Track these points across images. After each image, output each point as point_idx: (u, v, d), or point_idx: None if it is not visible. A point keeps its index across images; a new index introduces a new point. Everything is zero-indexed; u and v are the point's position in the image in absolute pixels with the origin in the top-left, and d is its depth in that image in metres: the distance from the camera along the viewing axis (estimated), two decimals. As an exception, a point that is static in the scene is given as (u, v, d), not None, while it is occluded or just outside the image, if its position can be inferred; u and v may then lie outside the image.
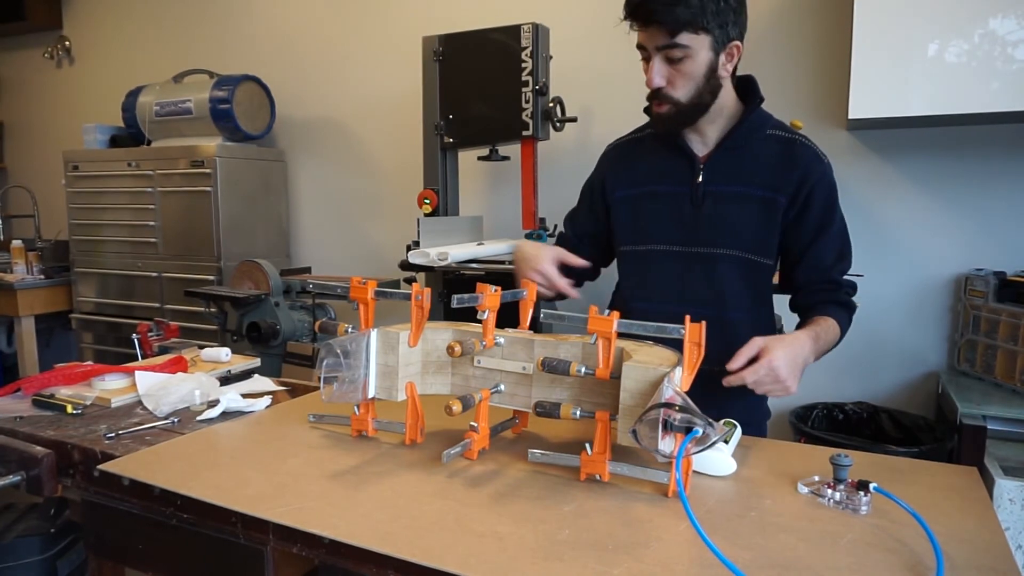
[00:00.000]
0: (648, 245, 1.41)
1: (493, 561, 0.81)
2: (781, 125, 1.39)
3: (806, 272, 1.37)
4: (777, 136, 1.37)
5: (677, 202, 1.37)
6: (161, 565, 1.12)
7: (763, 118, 1.38)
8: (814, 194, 1.33)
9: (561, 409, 1.06)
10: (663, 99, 1.29)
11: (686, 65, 1.25)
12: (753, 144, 1.35)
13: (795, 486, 1.04)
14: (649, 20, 1.22)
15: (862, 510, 0.97)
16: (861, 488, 0.98)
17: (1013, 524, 1.83)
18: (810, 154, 1.35)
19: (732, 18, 1.25)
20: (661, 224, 1.39)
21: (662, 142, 1.41)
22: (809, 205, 1.33)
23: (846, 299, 1.38)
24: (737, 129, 1.35)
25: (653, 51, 1.26)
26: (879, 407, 2.47)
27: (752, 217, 1.34)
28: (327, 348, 1.13)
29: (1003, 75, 2.00)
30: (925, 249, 2.50)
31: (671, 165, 1.39)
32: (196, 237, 3.31)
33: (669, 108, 1.30)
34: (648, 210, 1.41)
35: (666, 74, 1.27)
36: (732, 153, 1.35)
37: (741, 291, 1.36)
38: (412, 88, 2.95)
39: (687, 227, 1.37)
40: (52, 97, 4.48)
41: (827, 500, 1.00)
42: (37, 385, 1.45)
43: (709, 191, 1.35)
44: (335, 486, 1.03)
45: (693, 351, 1.01)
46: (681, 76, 1.27)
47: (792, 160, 1.33)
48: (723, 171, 1.35)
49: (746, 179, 1.34)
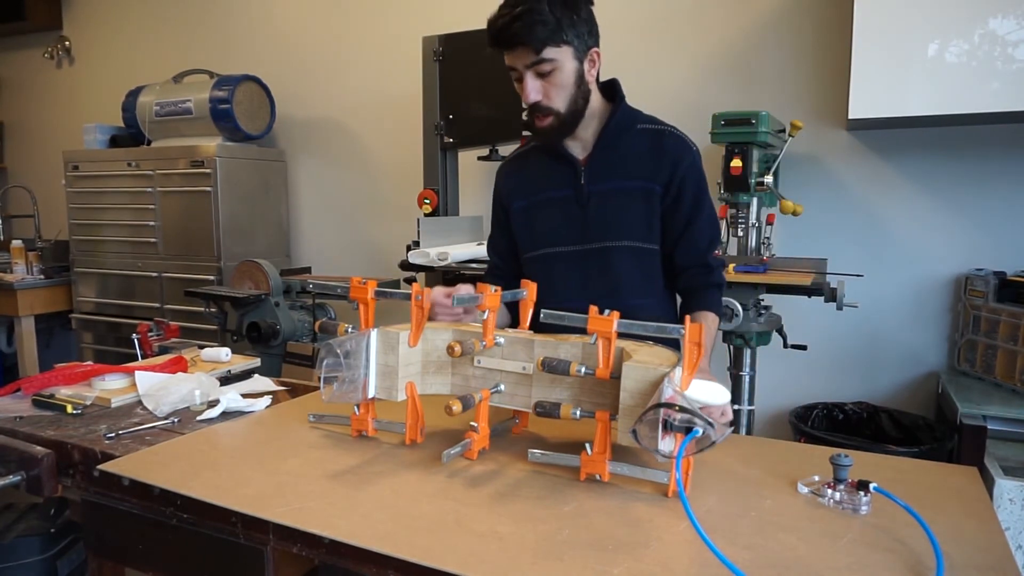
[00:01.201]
0: (545, 248, 1.49)
1: (493, 561, 0.81)
2: (651, 119, 1.47)
3: (683, 256, 1.46)
4: (647, 129, 1.45)
5: (566, 205, 1.46)
6: (161, 565, 1.12)
7: (632, 115, 1.46)
8: (686, 181, 1.41)
9: (561, 409, 1.06)
10: (544, 111, 1.36)
11: (556, 77, 1.33)
12: (625, 140, 1.44)
13: (795, 486, 1.04)
14: (513, 43, 1.30)
15: (862, 510, 0.97)
16: (861, 488, 0.99)
17: (1013, 524, 1.83)
18: (679, 144, 1.43)
19: (586, 28, 1.34)
20: (554, 227, 1.47)
21: (546, 152, 1.50)
22: (682, 191, 1.42)
23: (719, 279, 1.49)
24: (607, 128, 1.43)
25: (523, 69, 1.33)
26: (879, 407, 2.47)
27: (633, 208, 1.43)
28: (327, 348, 1.13)
29: (1003, 75, 2.01)
30: (925, 249, 2.50)
31: (556, 172, 1.47)
32: (196, 237, 3.31)
33: (552, 120, 1.37)
34: (541, 216, 1.49)
35: (540, 88, 1.34)
36: (607, 152, 1.44)
37: (636, 278, 1.45)
38: (412, 88, 2.95)
39: (577, 227, 1.45)
40: (52, 97, 4.48)
41: (827, 500, 1.00)
42: (37, 385, 1.45)
43: (592, 190, 1.44)
44: (335, 486, 1.03)
45: (693, 351, 1.01)
46: (554, 87, 1.34)
47: (662, 150, 1.42)
48: (601, 170, 1.43)
49: (623, 174, 1.43)
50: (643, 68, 2.78)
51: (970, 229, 2.43)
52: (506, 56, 1.34)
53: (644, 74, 2.76)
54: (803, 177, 2.59)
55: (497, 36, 1.32)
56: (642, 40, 2.78)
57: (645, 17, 2.77)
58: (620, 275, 1.44)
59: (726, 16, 2.69)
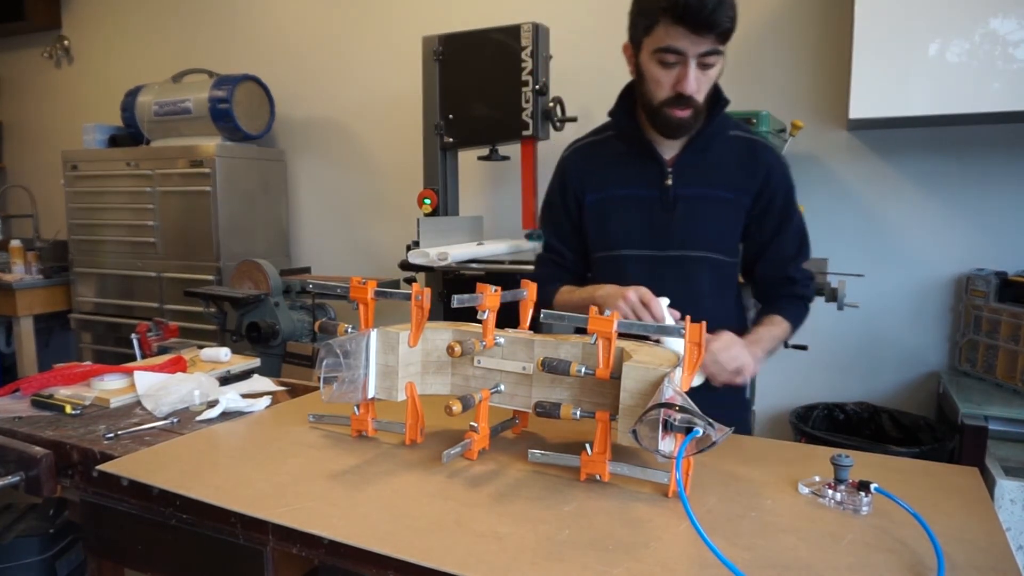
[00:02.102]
0: (620, 250, 1.41)
1: (493, 561, 0.81)
2: (741, 125, 1.42)
3: (766, 267, 1.42)
4: (739, 137, 1.39)
5: (648, 206, 1.38)
6: (160, 566, 1.12)
7: (725, 120, 1.39)
8: (776, 194, 1.37)
9: (561, 409, 1.05)
10: (691, 105, 1.26)
11: (714, 70, 1.25)
12: (717, 146, 1.37)
13: (795, 486, 1.04)
14: (708, 27, 1.17)
15: (863, 510, 0.97)
16: (862, 488, 0.98)
17: (1014, 525, 1.83)
18: (771, 154, 1.39)
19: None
20: (632, 229, 1.39)
21: (626, 144, 1.41)
22: (771, 204, 1.37)
23: (802, 292, 1.43)
24: (704, 131, 1.35)
25: (691, 56, 1.21)
26: (880, 407, 2.47)
27: (720, 219, 1.37)
28: (327, 348, 1.13)
29: (1004, 75, 2.00)
30: (926, 249, 2.49)
31: (638, 168, 1.39)
32: (195, 237, 3.31)
33: (691, 113, 1.28)
34: (617, 215, 1.41)
35: (698, 79, 1.24)
36: (697, 156, 1.37)
37: (713, 291, 1.39)
38: (412, 88, 2.95)
39: (658, 231, 1.38)
40: (51, 97, 4.48)
41: (828, 500, 1.00)
42: (36, 385, 1.45)
43: (679, 194, 1.36)
44: (335, 486, 1.02)
45: (693, 351, 1.00)
46: (707, 81, 1.26)
47: (755, 161, 1.37)
48: (690, 174, 1.36)
49: (713, 181, 1.36)
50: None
51: (971, 229, 2.43)
52: (678, 37, 1.19)
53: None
54: (804, 177, 2.57)
55: (693, 15, 1.16)
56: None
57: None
58: (697, 286, 1.37)
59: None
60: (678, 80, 1.24)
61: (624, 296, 1.19)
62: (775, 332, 1.37)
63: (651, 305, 1.18)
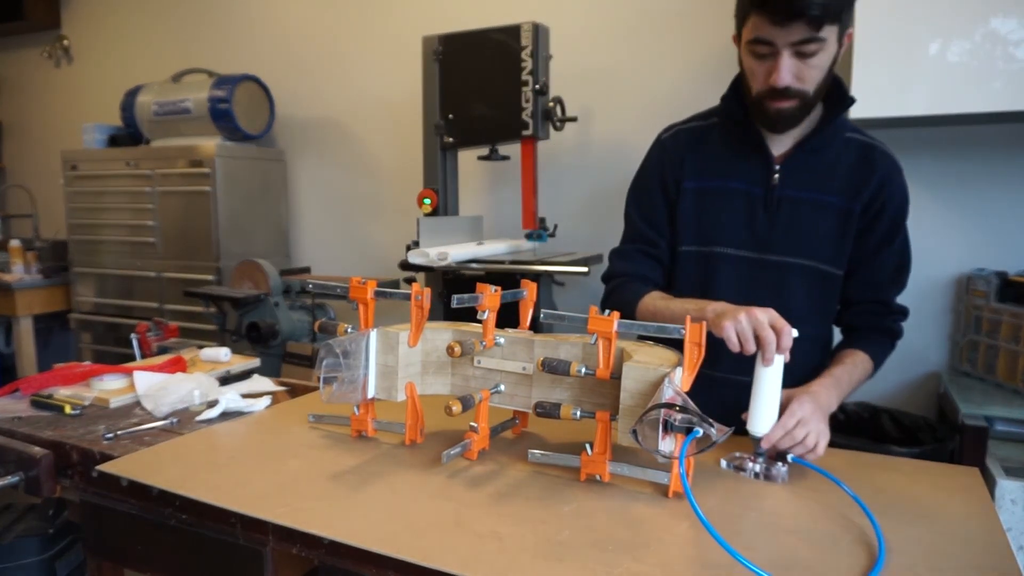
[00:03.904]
0: (713, 247, 1.29)
1: (493, 561, 0.81)
2: (858, 129, 1.31)
3: (858, 288, 1.30)
4: (855, 140, 1.28)
5: (750, 203, 1.27)
6: (160, 566, 1.12)
7: (844, 121, 1.29)
8: (887, 206, 1.25)
9: (561, 409, 1.05)
10: (792, 95, 1.17)
11: (818, 58, 1.14)
12: (832, 148, 1.27)
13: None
14: (794, 16, 1.08)
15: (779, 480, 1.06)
16: (779, 459, 1.07)
17: (1015, 525, 1.82)
18: (889, 163, 1.27)
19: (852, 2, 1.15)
20: (730, 225, 1.28)
21: (733, 134, 1.30)
22: (879, 217, 1.26)
23: (891, 324, 1.31)
24: (822, 130, 1.25)
25: (782, 47, 1.13)
26: (880, 407, 2.47)
27: (829, 227, 1.26)
28: (327, 348, 1.13)
29: (1005, 75, 2.00)
30: (926, 249, 2.49)
31: (743, 161, 1.28)
32: (195, 237, 3.31)
33: (796, 103, 1.18)
34: (714, 208, 1.30)
35: (795, 70, 1.15)
36: (809, 156, 1.26)
37: (809, 304, 1.27)
38: (412, 88, 2.95)
39: (759, 232, 1.27)
40: (51, 97, 4.48)
41: (748, 473, 1.09)
42: (35, 385, 1.45)
43: (785, 195, 1.26)
44: (335, 486, 1.02)
45: (693, 351, 1.00)
46: (810, 69, 1.15)
47: (871, 168, 1.25)
48: (800, 175, 1.26)
49: (824, 185, 1.25)
50: (641, 68, 2.77)
51: (971, 229, 2.42)
52: (765, 28, 1.12)
53: (642, 74, 2.75)
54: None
55: (773, 3, 1.09)
56: (640, 40, 2.78)
57: (643, 17, 2.77)
58: (795, 296, 1.25)
59: (726, 15, 2.68)
60: (771, 72, 1.16)
61: (751, 315, 1.03)
62: (856, 375, 1.23)
63: (783, 334, 1.02)
